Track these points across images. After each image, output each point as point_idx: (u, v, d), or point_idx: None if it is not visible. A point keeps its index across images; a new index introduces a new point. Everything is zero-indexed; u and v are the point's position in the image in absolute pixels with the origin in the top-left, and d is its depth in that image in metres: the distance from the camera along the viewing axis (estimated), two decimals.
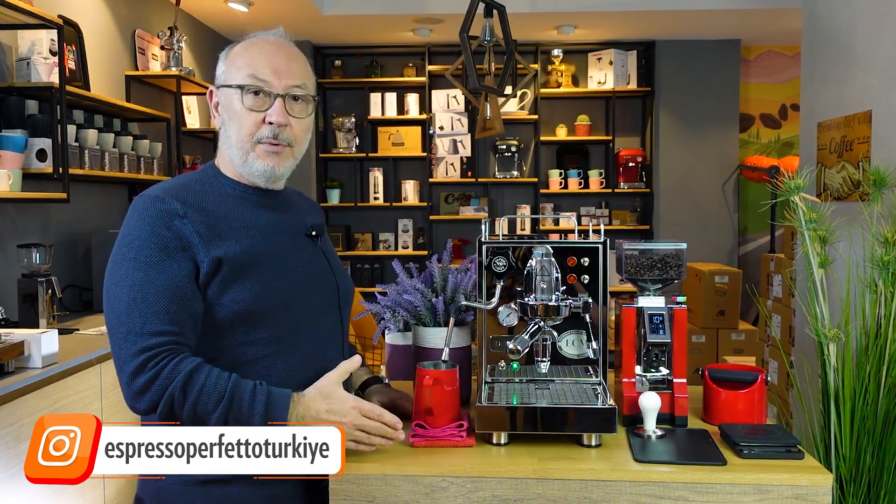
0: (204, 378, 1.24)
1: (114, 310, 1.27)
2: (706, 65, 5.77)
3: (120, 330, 1.25)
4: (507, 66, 3.68)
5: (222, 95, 1.40)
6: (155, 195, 1.32)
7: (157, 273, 1.26)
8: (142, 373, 1.23)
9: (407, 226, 5.91)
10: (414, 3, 4.91)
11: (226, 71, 1.40)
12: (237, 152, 1.38)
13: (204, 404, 1.24)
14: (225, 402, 1.24)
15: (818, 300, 2.32)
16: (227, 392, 1.24)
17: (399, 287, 1.74)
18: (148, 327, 1.24)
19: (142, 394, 1.23)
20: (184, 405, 1.23)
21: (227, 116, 1.39)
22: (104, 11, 3.74)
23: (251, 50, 1.39)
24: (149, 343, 1.23)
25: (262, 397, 1.26)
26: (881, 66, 2.71)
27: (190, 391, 1.23)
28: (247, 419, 1.24)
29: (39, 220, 3.15)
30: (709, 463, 1.32)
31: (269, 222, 1.41)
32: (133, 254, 1.27)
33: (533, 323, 1.49)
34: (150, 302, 1.25)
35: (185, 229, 1.29)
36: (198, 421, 1.25)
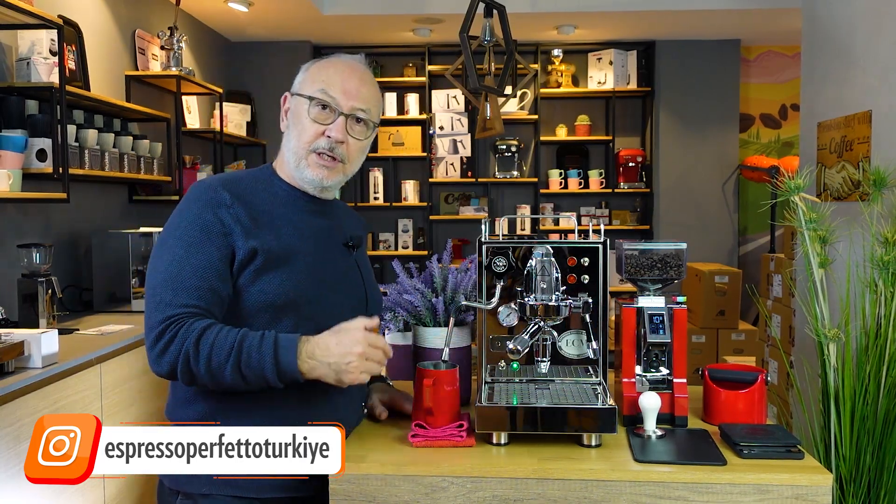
0: (215, 333, 1.31)
1: (151, 281, 1.37)
2: (706, 65, 5.77)
3: (153, 300, 1.34)
4: (507, 66, 3.68)
5: (293, 102, 1.51)
6: (209, 184, 1.43)
7: (196, 252, 1.35)
8: (162, 337, 1.31)
9: (407, 226, 5.91)
10: (414, 3, 4.91)
11: (302, 81, 1.51)
12: (293, 157, 1.49)
13: (217, 357, 1.29)
14: (235, 352, 1.29)
15: (818, 300, 2.32)
16: (237, 342, 1.30)
17: (399, 287, 1.74)
18: (177, 300, 1.32)
19: (161, 355, 1.31)
20: (198, 361, 1.29)
21: (292, 122, 1.50)
22: (104, 11, 3.74)
23: (329, 68, 1.50)
24: (173, 312, 1.32)
25: (270, 341, 1.31)
26: (881, 66, 2.71)
27: (202, 346, 1.29)
28: (258, 365, 1.30)
29: (39, 220, 3.16)
30: (709, 463, 1.32)
31: (310, 225, 1.49)
32: (179, 233, 1.37)
33: (533, 323, 1.49)
34: (184, 278, 1.34)
35: (229, 218, 1.38)
36: (214, 376, 1.31)
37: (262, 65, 5.63)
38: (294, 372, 1.31)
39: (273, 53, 5.62)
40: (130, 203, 3.95)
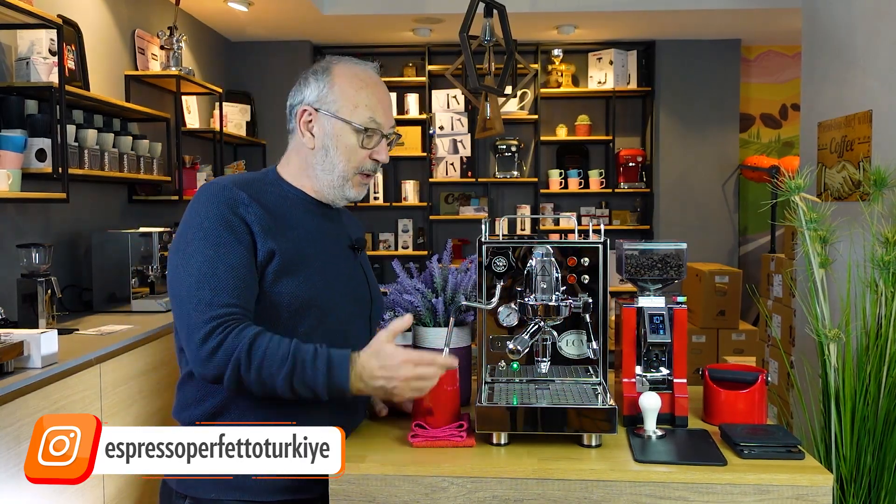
0: (267, 342, 1.31)
1: (184, 283, 1.35)
2: (706, 65, 5.77)
3: (191, 301, 1.33)
4: (507, 65, 3.68)
5: (328, 124, 1.48)
6: (223, 184, 1.42)
7: (227, 252, 1.36)
8: (210, 338, 1.30)
9: (407, 226, 5.91)
10: (414, 3, 4.90)
11: (336, 102, 1.48)
12: (338, 180, 1.49)
13: (269, 367, 1.30)
14: (289, 365, 1.31)
15: (818, 300, 2.32)
16: (290, 354, 1.31)
17: (399, 287, 1.73)
18: (217, 299, 1.32)
19: (209, 359, 1.31)
20: (249, 368, 1.30)
21: (331, 144, 1.48)
22: (104, 11, 3.74)
23: (367, 90, 1.50)
24: (217, 312, 1.32)
25: (324, 359, 1.32)
26: (881, 66, 2.71)
27: (255, 356, 1.30)
28: (311, 381, 1.32)
29: (39, 220, 3.15)
30: (709, 463, 1.32)
31: (319, 228, 1.51)
32: (202, 233, 1.36)
33: (533, 323, 1.48)
34: (221, 277, 1.34)
35: (249, 217, 1.39)
36: (264, 385, 1.32)
37: (262, 65, 5.63)
38: (345, 390, 1.33)
39: (273, 53, 5.62)
40: (130, 203, 3.95)
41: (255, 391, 1.33)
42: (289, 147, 1.56)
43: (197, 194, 1.44)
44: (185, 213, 1.43)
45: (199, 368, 1.33)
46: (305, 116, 1.49)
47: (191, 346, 1.33)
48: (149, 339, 2.78)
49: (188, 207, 1.43)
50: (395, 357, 1.33)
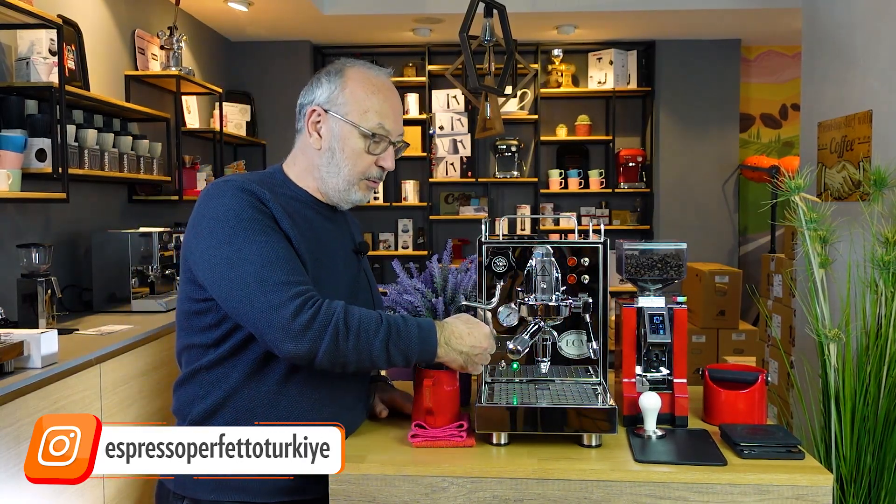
0: (358, 310, 1.35)
1: (248, 270, 1.32)
2: (706, 65, 5.77)
3: (265, 284, 1.31)
4: (507, 65, 3.68)
5: (337, 126, 1.47)
6: (241, 183, 1.40)
7: (276, 239, 1.36)
8: (302, 312, 1.30)
9: (407, 226, 5.91)
10: (414, 3, 4.90)
11: (346, 104, 1.47)
12: (343, 183, 1.49)
13: (366, 330, 1.33)
14: (384, 327, 1.35)
15: (818, 300, 2.32)
16: (384, 320, 1.36)
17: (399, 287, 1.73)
18: (293, 278, 1.33)
19: (305, 331, 1.30)
20: (348, 336, 1.32)
21: (338, 147, 1.48)
22: (104, 11, 3.74)
23: (378, 95, 1.49)
24: (299, 289, 1.32)
25: (413, 323, 1.38)
26: (881, 66, 2.71)
27: (351, 322, 1.33)
28: (406, 344, 1.36)
29: (39, 220, 3.15)
30: (709, 463, 1.32)
31: (327, 231, 1.51)
32: (244, 224, 1.35)
33: (533, 323, 1.48)
34: (285, 259, 1.35)
35: (275, 211, 1.39)
36: (360, 352, 1.34)
37: (262, 65, 5.63)
38: (432, 354, 1.38)
39: (273, 53, 5.62)
40: (130, 203, 3.95)
41: (350, 360, 1.33)
42: (295, 146, 1.55)
43: (214, 192, 1.40)
44: (207, 210, 1.39)
45: (292, 344, 1.29)
46: (314, 117, 1.48)
47: (277, 325, 1.29)
48: (149, 339, 2.78)
49: (208, 204, 1.39)
50: (482, 326, 1.43)
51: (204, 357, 1.42)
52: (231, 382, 1.40)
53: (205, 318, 1.41)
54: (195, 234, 1.39)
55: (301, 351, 1.30)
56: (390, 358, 1.35)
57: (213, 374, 1.41)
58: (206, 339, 1.42)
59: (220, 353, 1.41)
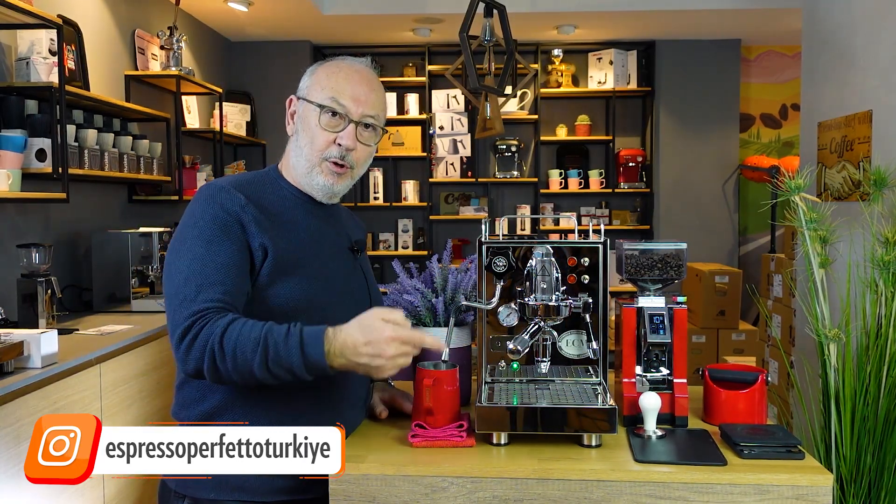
0: (239, 328, 1.29)
1: (173, 280, 1.35)
2: (706, 65, 5.77)
3: (176, 299, 1.33)
4: (507, 65, 3.68)
5: (301, 107, 1.50)
6: (221, 185, 1.43)
7: (217, 250, 1.35)
8: (187, 334, 1.30)
9: (407, 226, 5.91)
10: (414, 3, 4.90)
11: (310, 86, 1.49)
12: (304, 163, 1.49)
13: (242, 353, 1.27)
14: (261, 347, 1.27)
15: (818, 300, 2.32)
16: (262, 337, 1.28)
17: (399, 287, 1.73)
18: (201, 296, 1.32)
19: (187, 353, 1.29)
20: (224, 359, 1.28)
21: (301, 128, 1.50)
22: (104, 11, 3.74)
23: (338, 74, 1.49)
24: (199, 307, 1.31)
25: (296, 338, 1.28)
26: (881, 66, 2.71)
27: (227, 344, 1.28)
28: (287, 360, 1.27)
29: (39, 220, 3.15)
30: (709, 463, 1.32)
31: (318, 230, 1.50)
32: (196, 231, 1.37)
33: (533, 323, 1.48)
34: (207, 274, 1.33)
35: (245, 218, 1.39)
36: (242, 374, 1.28)
37: (262, 65, 5.63)
38: (323, 368, 1.28)
39: (273, 53, 5.62)
40: (130, 203, 3.95)
41: (237, 381, 1.30)
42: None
43: (196, 195, 1.45)
44: (184, 213, 1.44)
45: (180, 364, 1.32)
46: (291, 107, 1.53)
47: (172, 343, 1.33)
48: (149, 339, 2.78)
49: (187, 207, 1.44)
50: (383, 332, 1.26)
51: None
52: (229, 386, 1.39)
53: None
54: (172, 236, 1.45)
55: (189, 371, 1.32)
56: (275, 377, 1.28)
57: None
58: None
59: None
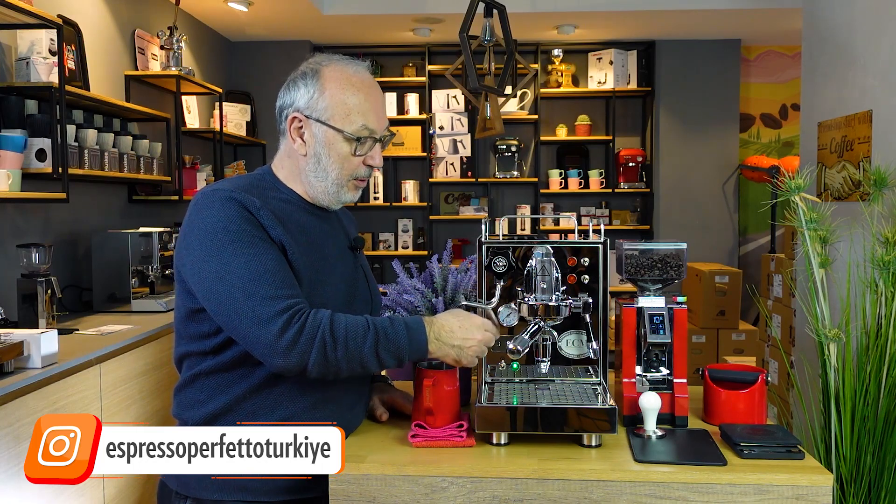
0: (344, 319, 1.35)
1: (236, 284, 1.32)
2: (706, 65, 5.77)
3: (252, 300, 1.31)
4: (507, 65, 3.68)
5: (319, 131, 1.44)
6: (229, 192, 1.38)
7: (266, 249, 1.35)
8: (288, 327, 1.30)
9: (407, 226, 5.91)
10: (414, 3, 4.90)
11: (327, 109, 1.43)
12: (332, 187, 1.47)
13: (353, 339, 1.33)
14: (372, 332, 1.35)
15: (818, 300, 2.32)
16: (369, 324, 1.35)
17: (399, 287, 1.74)
18: (280, 292, 1.32)
19: (291, 347, 1.30)
20: (336, 346, 1.32)
21: (323, 153, 1.45)
22: (104, 11, 3.74)
23: (359, 95, 1.44)
24: (287, 304, 1.31)
25: (401, 324, 1.37)
26: (881, 66, 2.71)
27: (338, 332, 1.32)
28: (395, 343, 1.36)
29: (39, 220, 3.15)
30: (709, 463, 1.32)
31: (321, 231, 1.50)
32: (232, 237, 1.34)
33: (533, 323, 1.48)
34: (273, 271, 1.33)
35: (264, 220, 1.37)
36: (352, 360, 1.34)
37: (262, 65, 5.63)
38: (423, 352, 1.38)
39: (273, 53, 5.62)
40: (130, 203, 3.95)
41: (342, 368, 1.34)
42: (280, 148, 1.53)
43: (203, 203, 1.38)
44: (195, 222, 1.37)
45: (280, 359, 1.30)
46: (296, 123, 1.46)
47: (266, 341, 1.29)
48: (149, 339, 2.78)
49: (197, 216, 1.38)
50: (473, 318, 1.41)
51: (203, 363, 1.42)
52: (235, 389, 1.39)
53: (202, 326, 1.41)
54: (185, 247, 1.38)
55: (291, 365, 1.31)
56: (381, 362, 1.36)
57: (215, 380, 1.41)
58: (205, 346, 1.41)
59: (221, 360, 1.40)
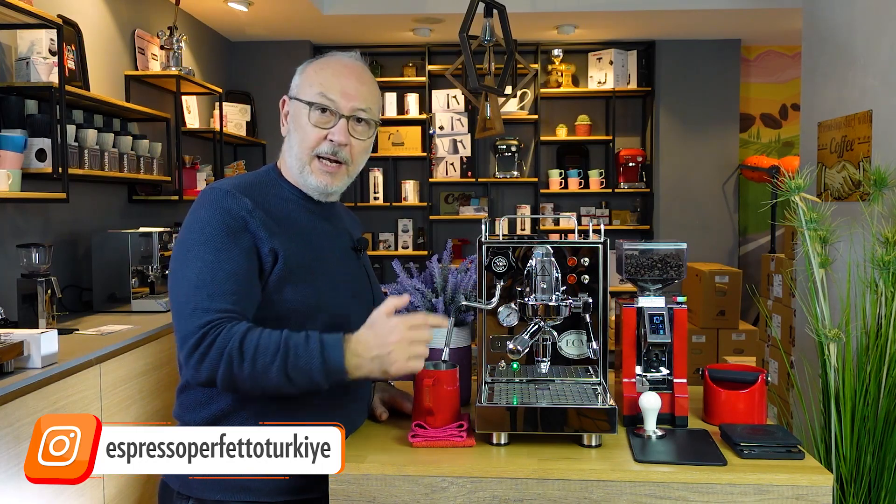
0: (258, 335, 1.29)
1: (181, 288, 1.33)
2: (706, 65, 5.77)
3: (187, 307, 1.31)
4: (507, 65, 3.68)
5: (292, 107, 1.49)
6: (226, 189, 1.39)
7: (227, 258, 1.33)
8: (202, 342, 1.28)
9: (407, 226, 5.91)
10: (414, 3, 4.90)
11: (300, 85, 1.48)
12: (296, 162, 1.47)
13: (262, 359, 1.27)
14: (281, 353, 1.28)
15: (818, 300, 2.32)
16: (282, 343, 1.29)
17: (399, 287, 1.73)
18: (214, 304, 1.30)
19: (201, 361, 1.28)
20: (242, 364, 1.27)
21: (293, 127, 1.48)
22: (104, 11, 3.74)
23: (326, 70, 1.48)
24: (212, 318, 1.29)
25: (316, 342, 1.29)
26: (881, 66, 2.71)
27: (246, 349, 1.27)
28: (306, 366, 1.28)
29: (39, 220, 3.15)
30: (709, 463, 1.32)
31: (322, 231, 1.49)
32: (203, 238, 1.34)
33: (533, 323, 1.48)
34: (219, 282, 1.31)
35: (253, 224, 1.37)
36: (258, 379, 1.28)
37: (262, 65, 5.63)
38: (341, 371, 1.29)
39: (273, 53, 5.62)
40: (130, 203, 3.95)
41: (251, 389, 1.29)
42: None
43: (199, 199, 1.41)
44: (187, 218, 1.41)
45: (191, 372, 1.30)
46: (284, 107, 1.52)
47: (183, 352, 1.31)
48: (149, 339, 2.78)
49: (190, 212, 1.41)
50: (389, 321, 1.30)
51: None
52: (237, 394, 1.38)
53: None
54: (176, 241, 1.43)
55: (201, 378, 1.30)
56: (292, 382, 1.28)
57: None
58: None
59: None
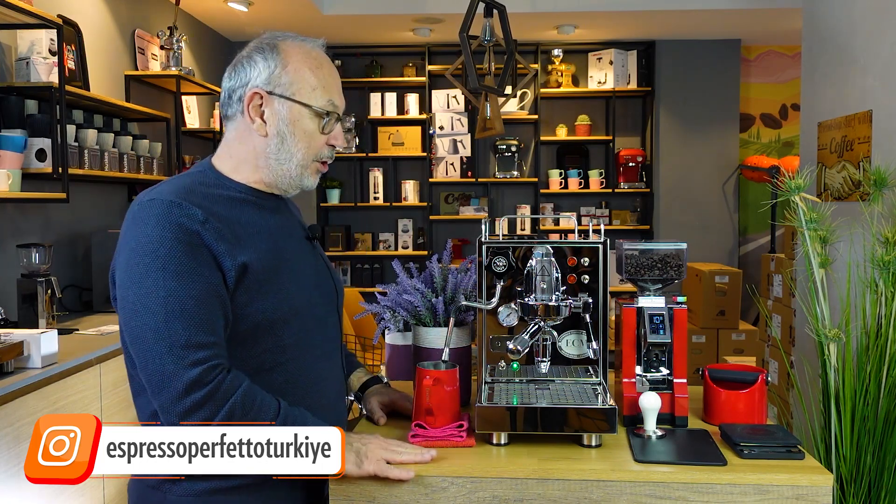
0: (260, 395, 1.25)
1: (148, 324, 1.20)
2: (706, 65, 5.77)
3: (160, 345, 1.19)
4: (507, 65, 3.68)
5: (283, 107, 1.34)
6: (170, 200, 1.24)
7: (191, 282, 1.21)
8: (200, 387, 1.19)
9: (407, 226, 5.91)
10: (414, 3, 4.90)
11: (292, 84, 1.34)
12: (296, 168, 1.36)
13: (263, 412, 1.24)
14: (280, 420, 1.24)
15: (818, 300, 2.32)
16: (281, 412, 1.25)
17: (399, 287, 1.74)
18: (193, 339, 1.20)
19: (198, 408, 1.20)
20: (245, 417, 1.22)
21: (287, 131, 1.34)
22: (104, 11, 3.74)
23: (322, 70, 1.38)
24: (198, 356, 1.20)
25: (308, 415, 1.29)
26: (881, 66, 2.71)
27: (249, 406, 1.23)
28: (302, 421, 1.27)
29: (39, 220, 3.15)
30: (709, 463, 1.32)
31: (276, 226, 1.39)
32: (160, 263, 1.21)
33: (533, 323, 1.48)
34: (191, 313, 1.20)
35: (209, 236, 1.24)
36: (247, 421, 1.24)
37: None
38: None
39: None
40: (130, 203, 3.94)
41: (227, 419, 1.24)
42: (227, 136, 1.40)
43: (139, 216, 1.25)
44: (128, 234, 1.25)
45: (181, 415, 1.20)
46: (256, 101, 1.33)
47: (168, 394, 1.19)
48: None
49: (130, 231, 1.25)
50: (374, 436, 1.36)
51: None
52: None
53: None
54: (116, 264, 1.29)
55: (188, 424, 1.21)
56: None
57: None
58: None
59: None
